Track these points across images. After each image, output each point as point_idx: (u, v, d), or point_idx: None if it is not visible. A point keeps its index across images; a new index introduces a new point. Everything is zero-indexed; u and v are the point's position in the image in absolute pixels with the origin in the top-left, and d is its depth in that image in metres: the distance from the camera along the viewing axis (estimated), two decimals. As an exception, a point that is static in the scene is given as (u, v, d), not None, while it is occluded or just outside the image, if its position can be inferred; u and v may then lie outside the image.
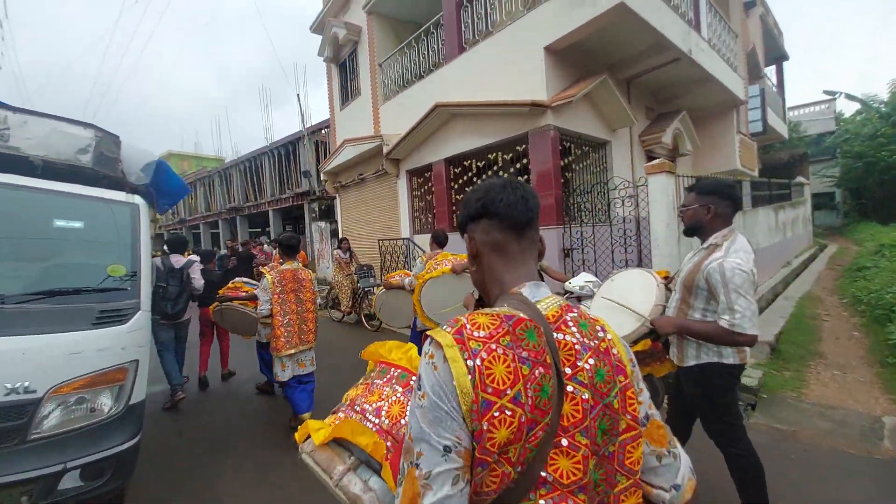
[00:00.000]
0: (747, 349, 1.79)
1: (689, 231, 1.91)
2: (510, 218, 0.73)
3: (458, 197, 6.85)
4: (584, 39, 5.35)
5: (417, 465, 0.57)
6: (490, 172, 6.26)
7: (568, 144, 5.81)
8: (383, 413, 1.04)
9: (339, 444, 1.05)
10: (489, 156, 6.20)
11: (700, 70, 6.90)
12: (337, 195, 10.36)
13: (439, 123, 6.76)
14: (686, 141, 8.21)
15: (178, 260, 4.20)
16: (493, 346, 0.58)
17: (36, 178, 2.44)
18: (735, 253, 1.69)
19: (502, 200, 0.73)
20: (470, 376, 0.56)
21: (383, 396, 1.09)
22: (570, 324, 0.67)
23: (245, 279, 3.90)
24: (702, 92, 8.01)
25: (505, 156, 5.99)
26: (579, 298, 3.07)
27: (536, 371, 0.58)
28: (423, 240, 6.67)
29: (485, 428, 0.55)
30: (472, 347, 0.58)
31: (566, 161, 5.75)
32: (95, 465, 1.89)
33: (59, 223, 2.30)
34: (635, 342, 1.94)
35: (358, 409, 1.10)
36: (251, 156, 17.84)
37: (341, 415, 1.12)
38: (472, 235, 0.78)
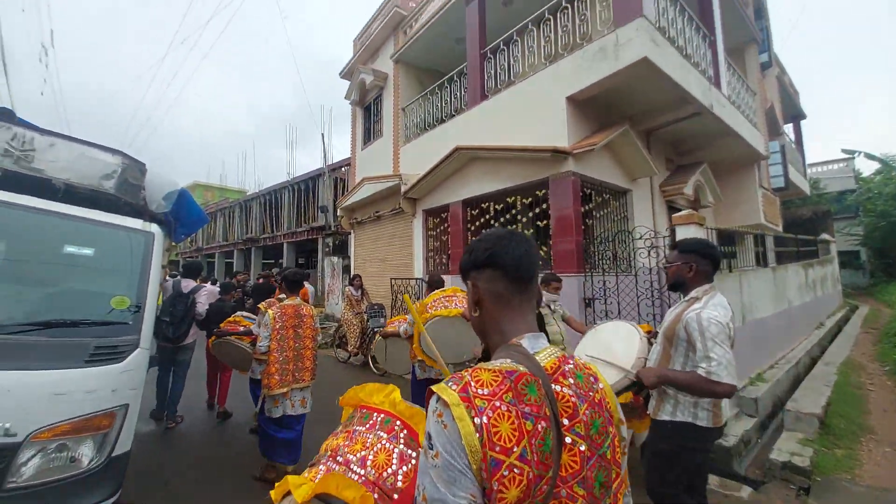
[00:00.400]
0: (724, 410, 1.77)
1: (673, 286, 1.97)
2: (516, 271, 0.75)
3: (473, 238, 6.76)
4: (607, 91, 5.44)
5: None
6: (508, 216, 6.18)
7: (589, 191, 5.74)
8: (368, 463, 0.99)
9: (322, 500, 0.96)
10: (507, 199, 6.16)
11: (721, 124, 6.93)
12: (352, 231, 10.40)
13: (458, 165, 6.82)
14: (707, 193, 8.11)
15: (187, 284, 4.25)
16: (498, 404, 0.59)
17: (56, 201, 2.41)
18: (714, 307, 1.75)
19: (509, 253, 0.75)
20: (478, 434, 0.57)
21: (367, 445, 1.04)
22: (568, 375, 0.69)
23: (245, 314, 3.78)
24: (723, 145, 8.02)
25: (524, 200, 5.94)
26: None
27: (539, 426, 0.59)
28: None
29: (495, 488, 0.55)
30: (478, 405, 0.58)
31: (587, 208, 5.66)
32: (65, 527, 1.66)
33: (70, 249, 2.22)
34: (617, 394, 2.05)
35: (341, 459, 1.04)
36: (272, 189, 18.37)
37: (322, 468, 1.04)
38: (475, 282, 0.78)
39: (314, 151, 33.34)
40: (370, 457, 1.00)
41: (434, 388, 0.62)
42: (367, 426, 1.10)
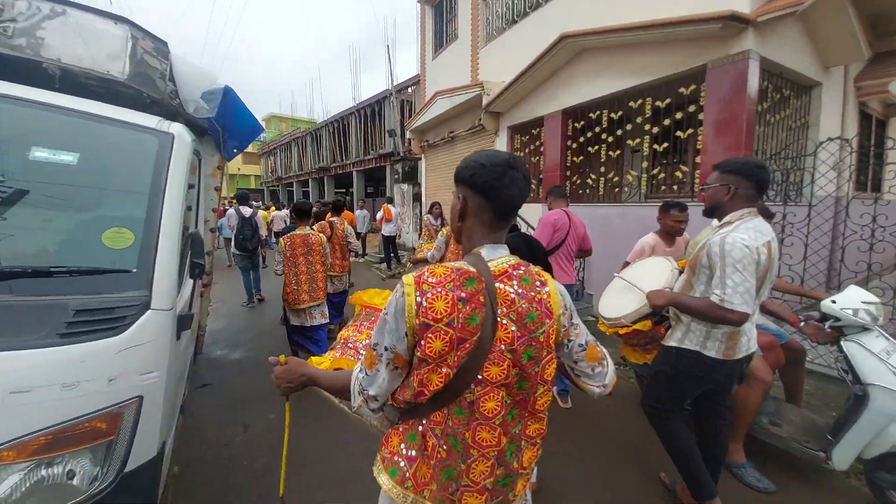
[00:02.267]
0: (741, 345, 1.64)
1: (708, 212, 1.74)
2: (506, 207, 0.84)
3: (575, 159, 5.25)
4: None
5: (374, 348, 0.82)
6: (629, 127, 4.53)
7: (765, 84, 3.85)
8: None
9: None
10: (630, 104, 4.46)
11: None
12: (423, 155, 9.24)
13: (562, 62, 5.08)
14: (918, 91, 5.49)
15: (246, 210, 5.42)
16: (439, 289, 0.76)
17: (53, 91, 1.56)
18: (745, 230, 1.54)
19: (505, 192, 0.82)
20: (416, 307, 0.75)
21: (371, 335, 1.24)
22: (513, 278, 0.82)
23: None
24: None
25: (657, 103, 4.21)
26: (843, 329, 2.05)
27: (468, 307, 0.75)
28: (526, 209, 5.31)
29: (424, 341, 0.75)
30: (423, 289, 0.76)
31: (759, 109, 3.82)
32: None
33: (39, 154, 1.36)
34: (635, 322, 1.96)
35: (351, 346, 1.34)
36: (339, 116, 17.47)
37: (338, 353, 1.30)
38: (466, 198, 0.85)
39: (379, 75, 31.27)
40: None
41: (403, 276, 0.81)
42: (371, 321, 1.43)
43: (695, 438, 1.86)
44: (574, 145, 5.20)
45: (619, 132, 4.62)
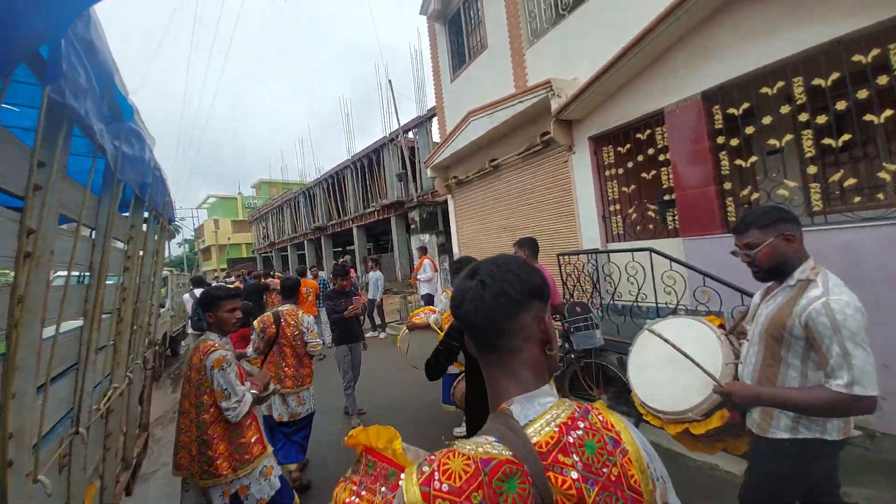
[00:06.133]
0: (852, 420, 1.26)
1: (769, 274, 1.30)
2: (471, 332, 0.59)
3: (740, 163, 3.32)
4: None
5: None
6: (861, 93, 2.66)
7: None
8: None
9: None
10: (858, 57, 2.62)
11: None
12: (449, 196, 7.35)
13: (689, 25, 3.34)
14: None
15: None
16: None
17: None
18: (839, 288, 1.16)
19: (462, 309, 0.58)
20: None
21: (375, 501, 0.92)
22: (572, 450, 0.50)
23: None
24: None
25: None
26: None
27: None
28: (661, 244, 3.26)
29: None
30: None
31: None
32: None
33: None
34: (708, 415, 1.42)
35: None
36: (333, 171, 16.01)
37: None
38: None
39: (371, 135, 30.45)
40: None
41: (405, 472, 0.50)
42: (372, 478, 0.99)
43: None
44: (734, 142, 3.29)
45: (840, 105, 2.73)
